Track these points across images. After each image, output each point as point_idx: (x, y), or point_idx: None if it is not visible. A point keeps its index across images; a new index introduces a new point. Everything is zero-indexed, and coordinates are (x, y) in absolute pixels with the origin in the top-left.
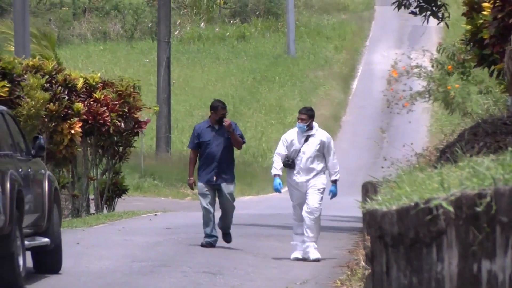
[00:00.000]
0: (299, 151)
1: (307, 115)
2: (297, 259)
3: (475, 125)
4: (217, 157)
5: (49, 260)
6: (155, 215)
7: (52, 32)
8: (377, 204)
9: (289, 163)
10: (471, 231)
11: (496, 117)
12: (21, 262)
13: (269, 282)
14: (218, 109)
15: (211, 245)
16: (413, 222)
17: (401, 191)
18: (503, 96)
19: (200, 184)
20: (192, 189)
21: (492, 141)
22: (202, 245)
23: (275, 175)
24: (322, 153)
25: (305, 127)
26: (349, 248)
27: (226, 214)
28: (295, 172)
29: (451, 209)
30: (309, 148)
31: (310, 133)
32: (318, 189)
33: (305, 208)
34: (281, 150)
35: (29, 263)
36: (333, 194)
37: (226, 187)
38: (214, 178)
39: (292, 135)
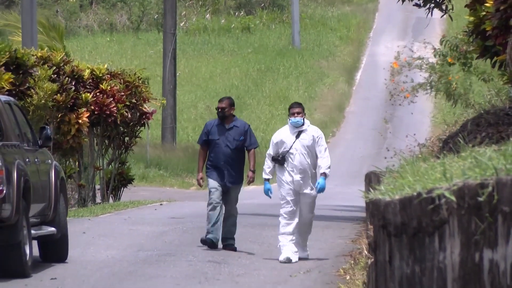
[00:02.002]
0: (291, 147)
1: (301, 108)
2: (288, 259)
3: (478, 115)
4: (225, 157)
5: (55, 249)
6: (161, 204)
7: (61, 24)
8: (380, 194)
9: (279, 159)
10: (473, 220)
11: (498, 108)
12: (27, 251)
13: (273, 271)
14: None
15: (212, 242)
16: (415, 211)
17: (404, 181)
18: (505, 87)
19: (210, 180)
20: (201, 185)
21: (495, 131)
22: (202, 240)
23: (264, 179)
24: (314, 149)
25: (302, 120)
26: (352, 237)
27: (227, 219)
28: (288, 169)
29: (453, 198)
30: (302, 144)
31: (302, 129)
32: (311, 198)
33: (299, 219)
34: (271, 150)
35: (36, 252)
36: (321, 188)
37: (232, 189)
38: (222, 181)
39: (281, 133)
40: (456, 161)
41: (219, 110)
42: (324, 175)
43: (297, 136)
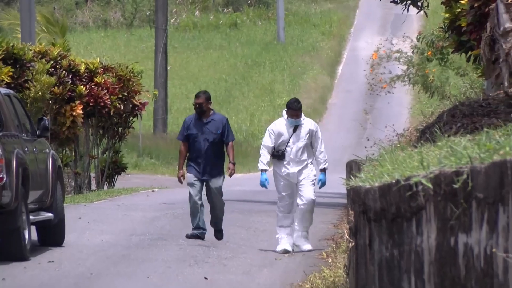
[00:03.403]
0: (288, 141)
1: (300, 111)
2: (285, 251)
3: (453, 107)
4: (204, 151)
5: (53, 234)
6: (153, 191)
7: (64, 19)
8: (360, 181)
9: (279, 154)
10: (449, 206)
11: (472, 100)
12: (26, 236)
13: (259, 254)
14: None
15: (198, 237)
16: (394, 198)
17: (383, 169)
18: (479, 80)
19: (189, 175)
20: (181, 182)
21: (469, 122)
22: (187, 237)
23: (262, 170)
24: (310, 142)
25: (300, 121)
26: (334, 222)
27: (215, 209)
28: (284, 163)
29: (430, 186)
30: (298, 138)
31: (299, 123)
32: (312, 180)
33: (299, 200)
34: (268, 142)
35: (34, 236)
36: (322, 183)
37: (213, 182)
38: (201, 173)
39: (279, 126)
40: (432, 150)
41: (197, 105)
42: (324, 170)
43: (294, 130)
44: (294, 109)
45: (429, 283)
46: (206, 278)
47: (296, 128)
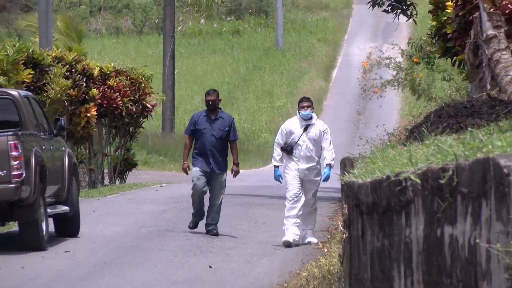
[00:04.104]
0: (299, 139)
1: (310, 102)
2: (288, 244)
3: (439, 108)
4: (210, 147)
5: (68, 226)
6: (161, 186)
7: (81, 26)
8: (354, 177)
9: (287, 149)
10: (436, 200)
11: (457, 101)
12: (44, 227)
13: (260, 244)
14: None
15: (197, 224)
16: (385, 192)
17: (375, 165)
18: (463, 83)
19: (195, 169)
20: (186, 173)
21: (454, 122)
22: (190, 228)
23: (275, 166)
24: (320, 142)
25: (311, 113)
26: (329, 215)
27: (213, 203)
28: (294, 159)
29: (418, 181)
30: (309, 137)
31: (310, 123)
32: (314, 185)
33: (301, 201)
34: (279, 139)
35: (51, 228)
36: (326, 177)
37: (217, 177)
38: (208, 167)
39: (291, 124)
40: (420, 148)
41: (210, 103)
42: (329, 165)
43: (305, 129)
44: (306, 100)
45: (417, 271)
46: (210, 267)
47: (307, 127)
